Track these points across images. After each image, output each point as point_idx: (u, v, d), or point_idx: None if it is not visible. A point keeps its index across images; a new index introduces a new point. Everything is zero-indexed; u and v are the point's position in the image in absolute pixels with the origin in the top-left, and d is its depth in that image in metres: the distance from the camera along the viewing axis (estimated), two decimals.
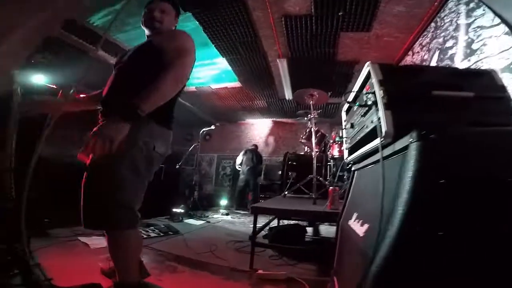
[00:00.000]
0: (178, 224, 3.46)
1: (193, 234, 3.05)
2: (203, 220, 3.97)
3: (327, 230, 3.39)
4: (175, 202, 4.09)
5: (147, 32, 1.39)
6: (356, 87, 1.42)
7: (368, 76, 1.20)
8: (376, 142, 1.04)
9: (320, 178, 2.95)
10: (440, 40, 2.36)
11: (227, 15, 2.98)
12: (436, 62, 2.35)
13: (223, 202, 5.96)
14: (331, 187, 2.05)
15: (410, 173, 0.73)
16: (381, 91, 1.03)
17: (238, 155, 6.00)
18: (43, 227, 2.39)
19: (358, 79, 1.39)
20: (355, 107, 1.48)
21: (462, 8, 2.08)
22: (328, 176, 3.67)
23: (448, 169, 0.74)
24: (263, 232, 2.60)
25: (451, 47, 2.12)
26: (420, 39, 2.94)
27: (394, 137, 0.92)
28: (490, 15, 1.73)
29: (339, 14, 2.77)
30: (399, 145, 0.89)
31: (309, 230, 3.28)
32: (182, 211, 3.93)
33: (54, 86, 2.46)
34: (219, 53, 3.84)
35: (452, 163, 0.75)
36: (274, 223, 3.24)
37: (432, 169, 0.74)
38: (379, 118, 1.00)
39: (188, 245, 2.45)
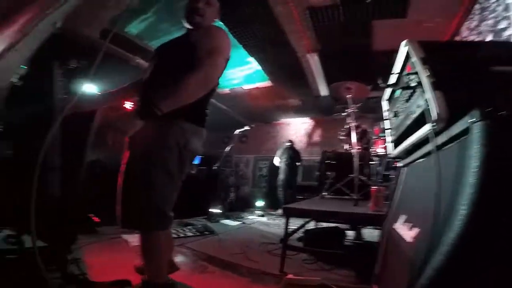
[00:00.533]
0: (214, 225, 3.52)
1: (228, 234, 3.07)
2: (238, 221, 4.00)
3: (371, 234, 3.08)
4: (212, 202, 4.19)
5: (187, 25, 1.32)
6: (395, 69, 1.25)
7: (407, 56, 1.07)
8: (426, 129, 0.88)
9: (363, 178, 2.73)
10: (490, 22, 2.07)
11: (249, 13, 2.94)
12: None
13: (259, 203, 5.93)
14: (374, 187, 1.89)
15: (475, 162, 0.57)
16: (426, 69, 0.89)
17: (274, 156, 5.91)
18: (92, 225, 2.63)
19: (396, 60, 1.23)
20: (397, 93, 1.32)
21: None
22: (371, 175, 3.36)
23: None
24: (298, 235, 2.47)
25: (505, 29, 1.84)
26: (466, 22, 2.58)
27: (448, 120, 0.77)
28: None
29: (367, 1, 2.54)
30: (456, 129, 0.73)
31: (351, 233, 3.04)
32: (219, 211, 4.01)
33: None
34: (247, 52, 3.82)
35: None
36: (311, 226, 3.07)
37: (504, 155, 0.56)
38: (426, 100, 0.85)
39: (222, 246, 2.46)
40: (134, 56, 3.81)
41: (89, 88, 2.69)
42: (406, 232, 0.92)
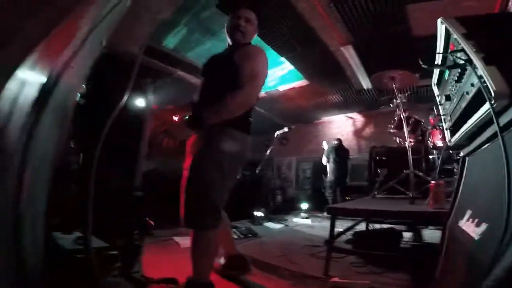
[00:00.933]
0: (257, 227, 3.53)
1: (271, 237, 3.04)
2: (282, 223, 3.95)
3: (433, 235, 2.70)
4: (256, 205, 4.23)
5: (229, 40, 1.50)
6: (439, 49, 1.16)
7: (447, 34, 1.02)
8: (485, 108, 0.79)
9: (420, 173, 2.47)
10: None
11: (273, 13, 2.94)
12: None
13: (304, 205, 5.76)
14: (433, 181, 1.71)
15: None
16: (471, 45, 0.82)
17: (317, 157, 5.71)
18: (148, 227, 2.89)
19: (438, 40, 1.16)
20: (446, 75, 1.21)
21: None
22: (430, 170, 2.98)
23: None
24: (346, 237, 2.30)
25: None
26: None
27: (510, 96, 0.68)
28: None
29: None
30: None
31: (408, 235, 2.71)
32: (262, 214, 4.03)
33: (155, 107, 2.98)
34: (276, 53, 3.80)
35: None
36: (362, 228, 2.84)
37: None
38: (480, 77, 0.76)
39: (264, 248, 2.44)
40: (175, 69, 4.13)
41: (140, 102, 3.01)
42: (472, 229, 0.83)
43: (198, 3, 2.80)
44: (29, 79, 0.61)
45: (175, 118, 3.38)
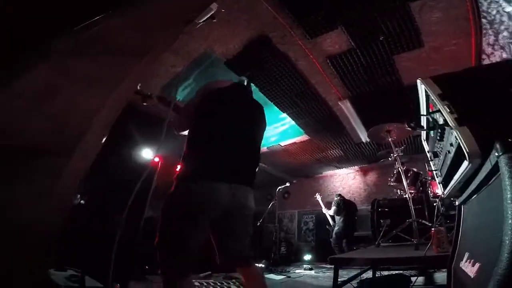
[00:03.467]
0: None
1: None
2: (283, 275, 3.74)
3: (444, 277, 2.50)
4: (257, 257, 4.01)
5: None
6: (421, 109, 1.30)
7: (427, 95, 1.11)
8: (465, 166, 0.87)
9: (423, 221, 2.53)
10: (505, 33, 2.07)
11: (274, 71, 3.30)
12: None
13: (307, 256, 5.57)
14: (433, 228, 1.81)
15: (509, 194, 0.60)
16: (445, 106, 0.91)
17: (319, 209, 5.57)
18: (144, 273, 2.77)
19: (420, 100, 1.29)
20: (431, 133, 1.32)
21: None
22: (433, 218, 2.96)
23: None
24: (352, 285, 2.15)
25: None
26: (484, 38, 2.54)
27: (483, 154, 0.77)
28: None
29: (381, 39, 2.72)
30: (489, 164, 0.74)
31: (420, 280, 2.52)
32: (263, 266, 3.89)
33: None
34: (278, 109, 4.10)
35: None
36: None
37: None
38: (455, 138, 0.87)
39: None
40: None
41: (147, 153, 3.19)
42: (470, 268, 0.88)
43: (208, 59, 3.20)
44: None
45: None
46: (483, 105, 0.85)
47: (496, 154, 0.63)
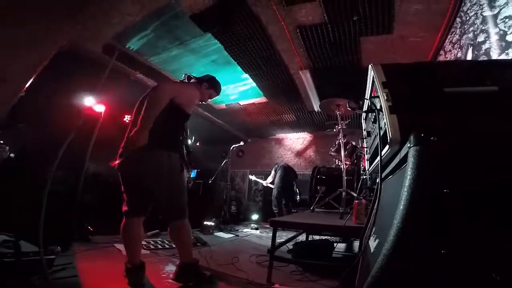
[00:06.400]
0: (207, 237, 3.55)
1: (220, 246, 3.10)
2: (232, 233, 4.03)
3: None
4: (207, 215, 4.23)
5: None
6: (367, 92, 1.37)
7: (373, 81, 1.15)
8: (386, 149, 0.98)
9: (351, 192, 2.80)
10: (470, 35, 2.14)
11: (244, 32, 3.11)
12: (472, 59, 2.12)
13: (254, 216, 5.96)
14: (356, 201, 1.92)
15: (407, 182, 0.67)
16: (384, 94, 0.97)
17: (269, 170, 5.95)
18: (86, 233, 2.69)
19: (367, 84, 1.34)
20: (370, 115, 1.40)
21: (484, 0, 1.91)
22: (359, 189, 3.45)
23: (450, 177, 0.66)
24: (287, 247, 2.52)
25: (483, 42, 1.90)
26: (449, 36, 2.68)
27: (402, 143, 0.85)
28: None
29: (354, 19, 2.71)
30: (403, 152, 0.82)
31: (342, 246, 3.07)
32: (213, 224, 4.04)
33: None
34: (241, 69, 3.98)
35: (456, 169, 0.66)
36: (303, 238, 3.12)
37: (429, 177, 0.66)
38: (384, 123, 0.95)
39: (212, 257, 2.49)
40: (135, 71, 3.99)
41: (89, 101, 2.83)
42: (372, 243, 0.98)
43: (172, 11, 2.80)
44: None
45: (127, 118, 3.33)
46: (415, 99, 0.93)
47: (408, 145, 0.71)
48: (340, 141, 3.14)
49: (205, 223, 3.97)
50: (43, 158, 1.79)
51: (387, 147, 0.95)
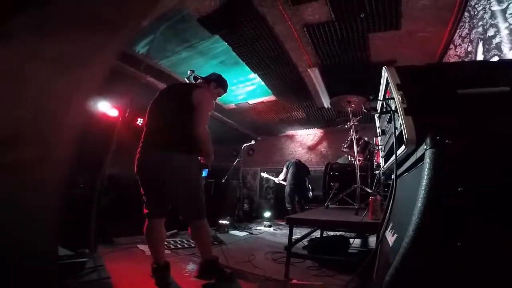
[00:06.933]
0: (223, 235, 3.64)
1: (236, 244, 3.18)
2: (246, 231, 4.10)
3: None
4: (222, 214, 4.32)
5: None
6: (380, 93, 1.39)
7: (387, 82, 1.17)
8: (402, 149, 1.02)
9: (365, 188, 2.80)
10: (480, 29, 2.10)
11: (251, 33, 3.15)
12: (483, 53, 2.08)
13: (267, 214, 6.01)
14: (371, 197, 1.94)
15: (424, 182, 0.70)
16: (399, 96, 1.00)
17: (280, 168, 5.96)
18: (109, 235, 2.81)
19: (381, 84, 1.36)
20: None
21: None
22: (374, 185, 3.45)
23: (466, 177, 0.68)
24: (303, 244, 2.57)
25: (494, 36, 1.87)
26: (458, 30, 2.65)
27: (418, 143, 0.88)
28: None
29: (361, 16, 2.70)
30: (419, 152, 0.86)
31: (357, 242, 3.09)
32: (228, 222, 4.13)
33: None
34: (250, 69, 4.03)
35: (471, 170, 0.69)
36: (317, 235, 3.15)
37: (445, 178, 0.69)
38: (400, 124, 0.98)
39: (229, 255, 2.55)
40: (145, 74, 4.09)
41: (103, 105, 2.94)
42: (390, 237, 1.01)
43: (179, 14, 2.86)
44: None
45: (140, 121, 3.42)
46: (429, 101, 0.95)
47: (425, 147, 0.75)
48: (353, 137, 3.14)
49: (220, 222, 4.06)
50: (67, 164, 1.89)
51: (403, 147, 0.98)
